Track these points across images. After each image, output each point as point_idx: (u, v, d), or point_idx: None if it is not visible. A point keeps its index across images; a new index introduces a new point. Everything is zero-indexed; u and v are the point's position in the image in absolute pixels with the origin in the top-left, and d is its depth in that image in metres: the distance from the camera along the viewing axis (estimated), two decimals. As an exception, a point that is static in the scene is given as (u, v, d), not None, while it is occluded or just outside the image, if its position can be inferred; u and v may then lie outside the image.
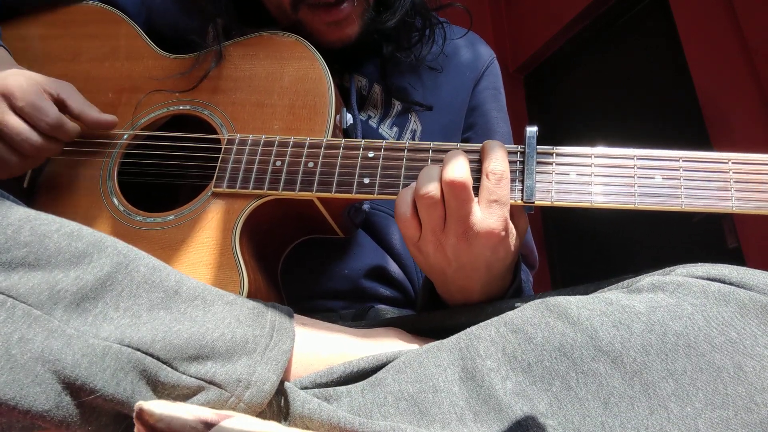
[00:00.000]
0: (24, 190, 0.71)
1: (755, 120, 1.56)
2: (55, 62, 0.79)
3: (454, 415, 0.44)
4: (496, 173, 0.57)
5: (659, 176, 0.56)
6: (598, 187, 0.57)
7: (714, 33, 1.70)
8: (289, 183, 0.64)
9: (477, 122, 0.91)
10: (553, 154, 0.59)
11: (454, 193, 0.55)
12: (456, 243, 0.56)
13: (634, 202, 0.56)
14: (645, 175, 0.57)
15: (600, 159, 0.58)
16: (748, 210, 0.54)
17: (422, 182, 0.56)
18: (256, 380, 0.45)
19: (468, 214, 0.55)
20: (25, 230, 0.43)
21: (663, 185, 0.56)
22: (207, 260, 0.63)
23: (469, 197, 0.55)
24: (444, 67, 0.89)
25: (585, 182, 0.58)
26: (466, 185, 0.55)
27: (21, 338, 0.39)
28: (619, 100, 2.21)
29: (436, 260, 0.59)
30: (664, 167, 0.57)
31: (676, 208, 0.55)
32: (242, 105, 0.72)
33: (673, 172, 0.56)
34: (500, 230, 0.56)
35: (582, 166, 0.58)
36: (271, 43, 0.75)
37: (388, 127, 0.84)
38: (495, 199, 0.56)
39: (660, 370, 0.42)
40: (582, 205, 0.57)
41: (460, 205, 0.55)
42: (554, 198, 0.57)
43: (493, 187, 0.56)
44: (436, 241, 0.57)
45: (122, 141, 0.73)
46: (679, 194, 0.56)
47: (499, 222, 0.56)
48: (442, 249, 0.57)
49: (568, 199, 0.57)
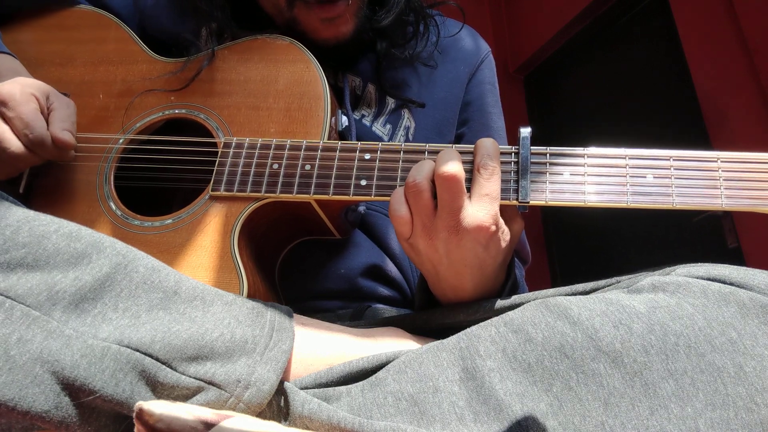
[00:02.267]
0: (20, 196, 0.71)
1: (755, 120, 1.56)
2: (48, 67, 0.79)
3: (454, 415, 0.44)
4: (488, 168, 0.57)
5: (651, 175, 0.57)
6: (591, 186, 0.58)
7: (714, 33, 1.70)
8: (286, 185, 0.64)
9: (472, 117, 0.91)
10: (546, 155, 0.60)
11: (446, 186, 0.55)
12: (447, 237, 0.56)
13: (626, 201, 0.57)
14: (637, 174, 0.58)
15: (593, 159, 0.59)
16: (737, 207, 0.55)
17: (412, 174, 0.58)
18: (255, 380, 0.45)
19: (459, 207, 0.55)
20: (23, 231, 0.43)
21: (654, 184, 0.57)
22: (206, 263, 0.63)
23: (461, 190, 0.56)
24: (438, 61, 0.89)
25: (578, 182, 0.58)
26: (458, 178, 0.55)
27: (20, 339, 0.39)
28: (618, 100, 2.21)
29: (428, 256, 0.59)
30: (655, 166, 0.58)
31: (668, 206, 0.56)
32: (238, 108, 0.72)
33: (664, 171, 0.57)
34: (490, 224, 0.56)
35: (575, 165, 0.59)
36: (266, 46, 0.75)
37: (381, 125, 0.84)
38: (486, 193, 0.57)
39: (660, 371, 0.42)
40: (575, 205, 0.58)
41: (453, 199, 0.55)
42: (548, 198, 0.58)
43: (485, 182, 0.57)
44: (427, 235, 0.57)
45: (118, 145, 0.73)
46: (670, 192, 0.57)
47: (489, 217, 0.56)
48: (433, 244, 0.57)
49: (561, 198, 0.58)
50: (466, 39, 0.94)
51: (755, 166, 0.56)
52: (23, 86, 0.65)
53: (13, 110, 0.63)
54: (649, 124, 2.02)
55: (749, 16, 1.57)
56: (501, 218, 0.58)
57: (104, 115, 0.75)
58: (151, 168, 0.72)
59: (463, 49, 0.93)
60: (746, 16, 1.58)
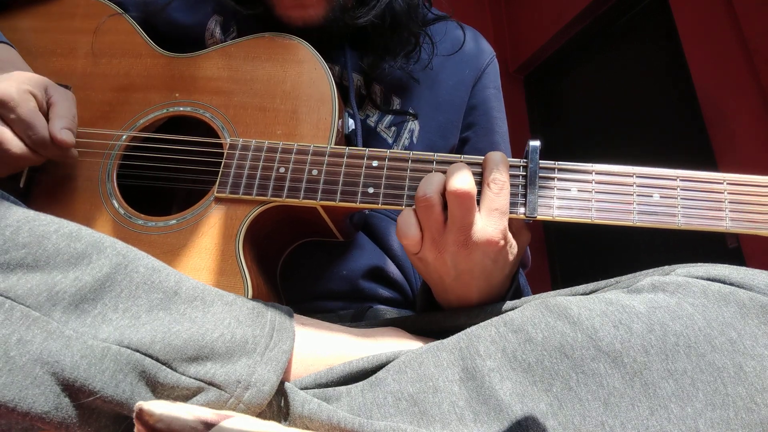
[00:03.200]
0: (20, 191, 0.70)
1: (755, 120, 1.56)
2: (49, 57, 0.77)
3: (454, 415, 0.44)
4: (498, 183, 0.58)
5: (657, 194, 0.58)
6: (598, 203, 0.58)
7: (714, 33, 1.70)
8: (293, 190, 0.64)
9: (477, 122, 0.91)
10: (555, 170, 0.60)
11: (459, 202, 0.55)
12: (456, 251, 0.56)
13: (632, 220, 0.57)
14: (643, 193, 0.58)
15: (600, 176, 0.59)
16: (741, 230, 0.56)
17: (422, 187, 0.57)
18: (255, 381, 0.45)
19: (471, 223, 0.55)
20: (23, 231, 0.43)
21: (660, 204, 0.58)
22: (209, 266, 0.62)
23: (473, 206, 0.56)
24: (443, 63, 0.88)
25: (585, 198, 0.59)
26: (471, 195, 0.55)
27: (20, 340, 0.39)
28: (618, 101, 2.20)
29: (436, 268, 0.59)
30: (661, 186, 0.58)
31: (673, 227, 0.57)
32: (244, 108, 0.71)
33: (671, 191, 0.58)
34: (499, 239, 0.56)
35: (583, 182, 0.59)
36: (273, 45, 0.75)
37: (386, 127, 0.83)
38: (496, 208, 0.57)
39: (660, 371, 0.42)
40: (582, 221, 0.58)
41: (464, 215, 0.55)
42: (555, 213, 0.59)
43: (494, 196, 0.57)
44: (436, 248, 0.57)
45: (121, 142, 0.72)
46: (676, 213, 0.57)
47: (499, 232, 0.56)
48: (442, 257, 0.58)
49: (569, 214, 0.59)
50: (471, 42, 0.93)
51: (761, 189, 0.57)
52: (19, 83, 0.63)
53: (13, 111, 0.62)
54: (649, 124, 2.02)
55: (749, 16, 1.57)
56: (509, 231, 0.58)
57: (106, 110, 0.74)
58: (154, 166, 0.72)
59: (468, 52, 0.92)
60: (746, 16, 1.58)
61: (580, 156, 0.62)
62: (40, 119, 0.64)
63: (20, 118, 0.62)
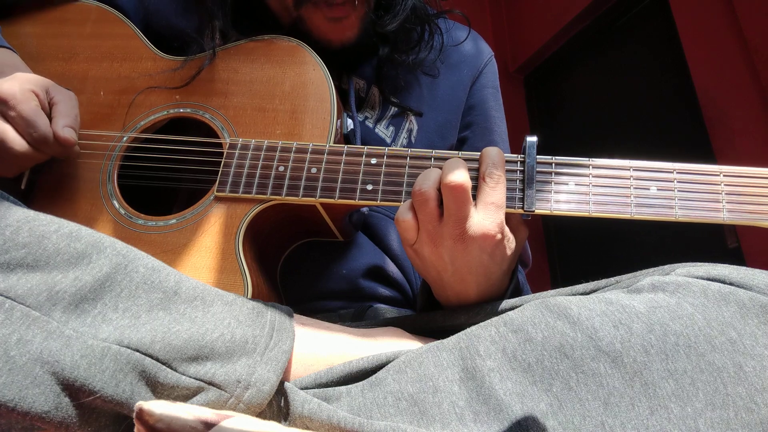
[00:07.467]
0: (21, 192, 0.71)
1: (755, 120, 1.56)
2: (50, 61, 0.78)
3: (454, 415, 0.44)
4: (494, 177, 0.58)
5: (654, 187, 0.58)
6: (596, 197, 0.59)
7: (714, 33, 1.70)
8: (292, 188, 0.64)
9: (475, 121, 0.91)
10: (552, 164, 0.60)
11: (453, 195, 0.55)
12: (452, 245, 0.57)
13: (630, 213, 0.58)
14: (641, 186, 0.58)
15: (597, 170, 0.60)
16: (738, 221, 0.56)
17: (419, 182, 0.58)
18: (255, 381, 0.45)
19: (466, 216, 0.56)
20: (23, 231, 0.43)
21: (658, 196, 0.58)
22: (210, 264, 0.63)
23: (468, 199, 0.56)
24: (441, 64, 0.88)
25: (583, 192, 0.59)
26: (464, 187, 0.55)
27: (20, 339, 0.39)
28: (618, 101, 2.20)
29: (433, 263, 0.59)
30: (659, 178, 0.58)
31: (670, 219, 0.57)
32: (244, 109, 0.72)
33: (668, 184, 0.58)
34: (496, 233, 0.56)
35: (580, 176, 0.60)
36: (272, 47, 0.75)
37: (384, 127, 0.84)
38: (492, 202, 0.57)
39: (660, 370, 0.42)
40: (580, 215, 0.58)
41: (459, 208, 0.55)
42: (553, 207, 0.59)
43: (490, 190, 0.57)
44: (432, 242, 0.58)
45: (121, 143, 0.72)
46: (673, 205, 0.57)
47: (495, 225, 0.56)
48: (438, 251, 0.58)
49: (566, 208, 0.59)
50: (469, 43, 0.94)
51: (757, 181, 0.57)
52: (22, 83, 0.64)
53: (14, 109, 0.62)
54: (649, 124, 2.02)
55: (749, 16, 1.57)
56: (506, 226, 0.58)
57: (107, 113, 0.74)
58: (154, 167, 0.72)
59: (467, 52, 0.93)
60: (746, 16, 1.58)
61: (580, 156, 0.62)
62: (42, 117, 0.64)
63: (22, 115, 0.63)
